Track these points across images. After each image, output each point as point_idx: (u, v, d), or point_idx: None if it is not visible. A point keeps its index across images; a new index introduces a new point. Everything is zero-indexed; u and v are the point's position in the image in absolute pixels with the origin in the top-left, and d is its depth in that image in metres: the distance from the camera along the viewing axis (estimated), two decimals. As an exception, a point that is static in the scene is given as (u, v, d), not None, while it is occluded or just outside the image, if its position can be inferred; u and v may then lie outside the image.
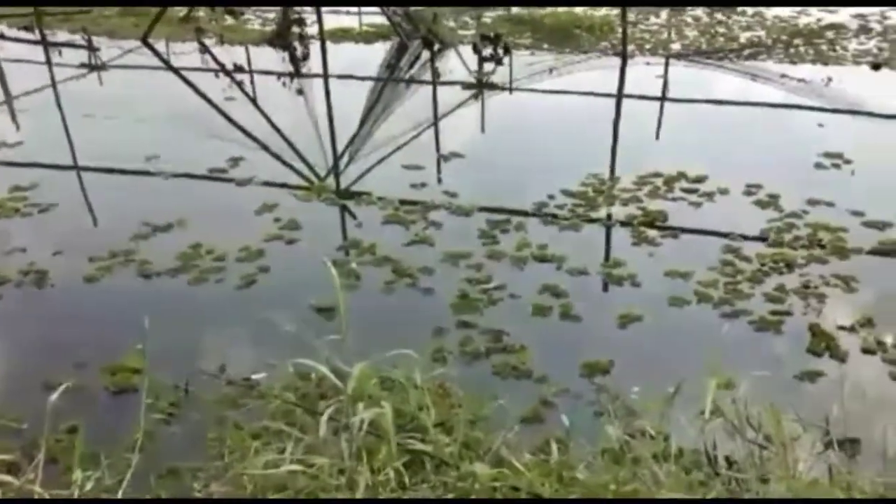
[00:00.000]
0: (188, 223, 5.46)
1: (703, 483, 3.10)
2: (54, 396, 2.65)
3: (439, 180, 6.23)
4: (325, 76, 9.03)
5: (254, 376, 3.80)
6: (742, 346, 4.19)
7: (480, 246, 5.13)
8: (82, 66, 9.23)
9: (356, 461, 2.70)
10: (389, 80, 9.17)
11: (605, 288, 4.75)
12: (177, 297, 4.70)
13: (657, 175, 6.05)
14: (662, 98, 8.01)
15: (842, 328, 4.27)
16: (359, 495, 2.60)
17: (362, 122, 7.72)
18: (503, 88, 8.49)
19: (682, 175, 6.03)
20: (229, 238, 5.22)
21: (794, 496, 2.85)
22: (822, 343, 4.15)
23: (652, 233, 5.29)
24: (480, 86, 8.55)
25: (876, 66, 8.77)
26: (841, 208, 5.47)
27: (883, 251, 5.00)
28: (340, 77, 8.88)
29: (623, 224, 5.41)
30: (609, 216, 5.49)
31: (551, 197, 5.73)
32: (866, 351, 4.11)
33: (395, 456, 2.69)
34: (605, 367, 3.98)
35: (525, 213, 5.52)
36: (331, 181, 6.32)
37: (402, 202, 5.73)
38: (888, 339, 4.16)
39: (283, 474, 2.69)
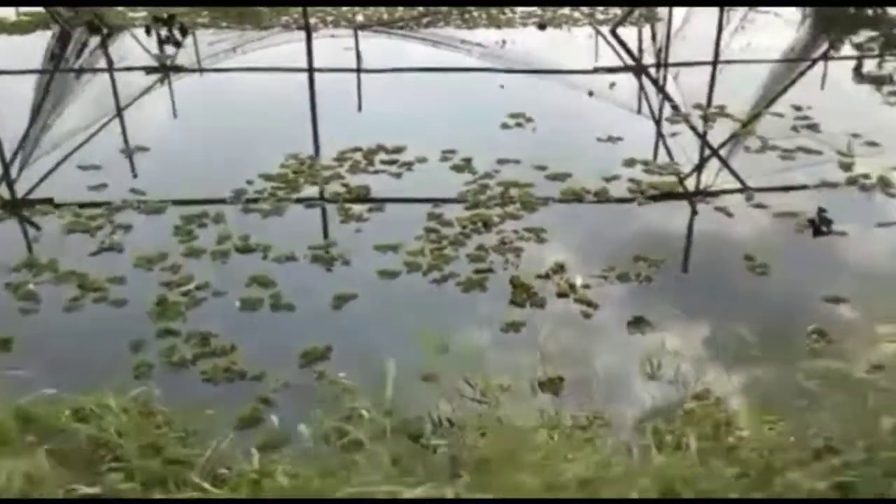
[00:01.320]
0: None
1: (425, 446, 3.14)
2: None
3: (130, 176, 5.77)
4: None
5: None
6: (453, 309, 4.32)
7: (177, 244, 4.81)
8: None
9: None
10: (57, 72, 8.33)
11: (316, 271, 4.66)
12: None
13: (357, 150, 6.05)
14: (358, 70, 8.02)
15: (539, 277, 4.54)
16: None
17: (31, 122, 6.94)
18: (192, 70, 8.05)
19: (381, 147, 6.08)
20: None
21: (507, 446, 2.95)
22: (522, 294, 4.38)
23: (358, 208, 5.27)
24: (165, 69, 8.04)
25: (542, 27, 9.47)
26: (527, 165, 5.81)
27: (565, 200, 5.40)
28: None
29: (327, 201, 5.36)
30: (321, 194, 5.41)
31: (250, 182, 5.52)
32: (561, 295, 4.41)
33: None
34: (323, 353, 3.90)
35: (222, 202, 5.27)
36: (3, 190, 5.62)
37: (83, 205, 5.22)
38: (577, 282, 4.49)
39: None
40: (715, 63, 8.11)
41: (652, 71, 8.46)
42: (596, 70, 8.03)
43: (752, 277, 4.55)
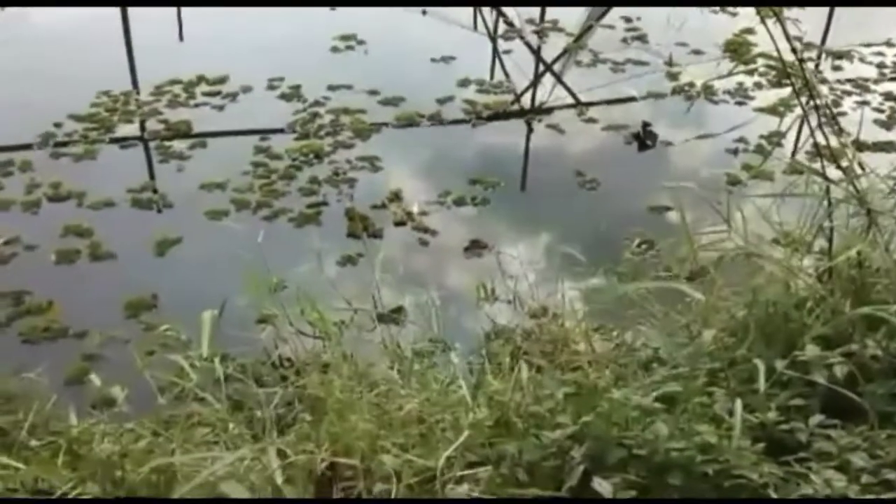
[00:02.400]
0: None
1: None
2: None
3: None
4: None
5: None
6: (287, 245, 4.18)
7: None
8: None
9: None
10: None
11: (137, 216, 4.38)
12: None
13: (176, 82, 5.66)
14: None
15: (374, 207, 4.45)
16: None
17: None
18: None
19: (202, 79, 5.72)
20: None
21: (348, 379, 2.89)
22: (358, 225, 4.29)
23: (179, 145, 4.97)
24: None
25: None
26: (359, 90, 5.64)
27: (399, 126, 5.29)
28: None
29: (145, 140, 5.02)
30: (142, 135, 5.05)
31: (58, 125, 5.08)
32: (398, 223, 4.35)
33: None
34: (150, 302, 3.69)
35: (28, 147, 4.83)
36: None
37: None
38: (414, 209, 4.44)
39: None
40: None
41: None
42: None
43: (583, 193, 4.64)
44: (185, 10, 6.74)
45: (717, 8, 7.23)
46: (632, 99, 5.68)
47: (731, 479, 1.90)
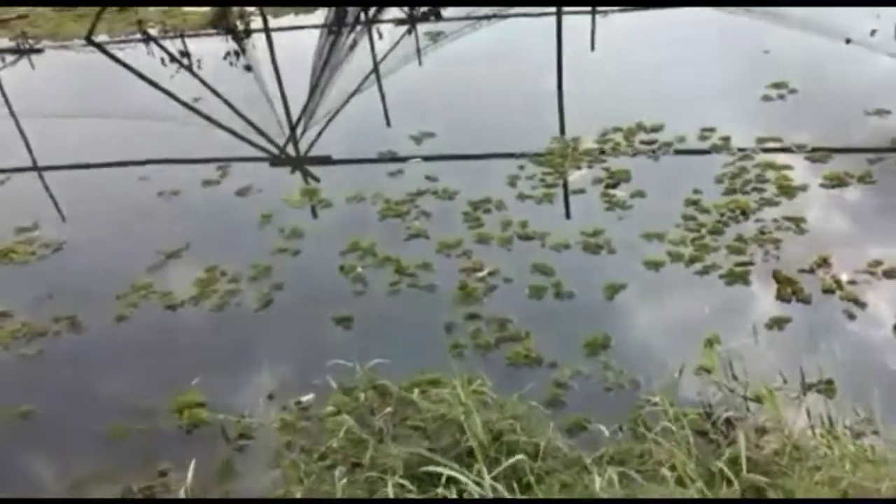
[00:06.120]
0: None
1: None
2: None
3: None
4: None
5: (303, 399, 4.23)
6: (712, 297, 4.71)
7: (467, 231, 5.50)
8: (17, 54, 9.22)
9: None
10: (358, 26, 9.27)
11: (586, 258, 5.17)
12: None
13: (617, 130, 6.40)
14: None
15: (801, 271, 4.79)
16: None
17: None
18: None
19: (640, 127, 6.37)
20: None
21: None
22: (787, 289, 4.66)
23: (621, 194, 5.69)
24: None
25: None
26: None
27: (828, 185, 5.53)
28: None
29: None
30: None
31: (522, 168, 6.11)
32: (826, 291, 4.64)
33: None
34: (604, 342, 4.46)
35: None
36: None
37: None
38: (843, 277, 4.70)
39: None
40: None
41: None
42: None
43: None
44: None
45: None
46: None
47: None
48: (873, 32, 7.47)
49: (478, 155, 6.32)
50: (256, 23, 9.70)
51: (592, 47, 8.13)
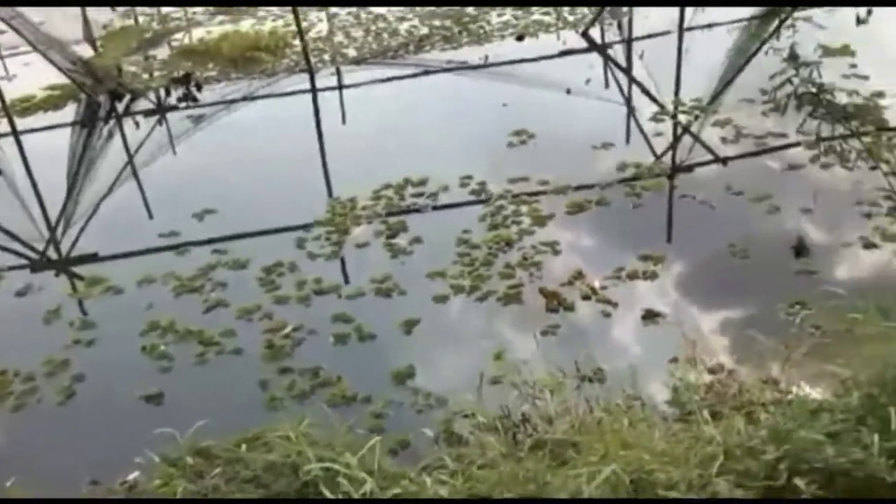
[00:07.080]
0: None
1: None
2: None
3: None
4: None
5: (129, 478, 4.26)
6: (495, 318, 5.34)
7: (264, 294, 5.80)
8: None
9: None
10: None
11: (381, 302, 5.64)
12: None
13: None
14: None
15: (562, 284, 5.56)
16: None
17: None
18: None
19: (408, 182, 6.99)
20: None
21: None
22: (553, 301, 5.40)
23: (400, 242, 6.24)
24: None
25: (520, 38, 10.37)
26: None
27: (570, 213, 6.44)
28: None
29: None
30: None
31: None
32: (585, 298, 5.44)
33: None
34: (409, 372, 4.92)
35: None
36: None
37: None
38: (595, 284, 5.52)
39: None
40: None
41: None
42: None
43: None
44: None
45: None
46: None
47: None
48: (587, 81, 8.72)
49: (265, 231, 6.58)
50: (3, 126, 9.35)
51: (343, 120, 8.74)
